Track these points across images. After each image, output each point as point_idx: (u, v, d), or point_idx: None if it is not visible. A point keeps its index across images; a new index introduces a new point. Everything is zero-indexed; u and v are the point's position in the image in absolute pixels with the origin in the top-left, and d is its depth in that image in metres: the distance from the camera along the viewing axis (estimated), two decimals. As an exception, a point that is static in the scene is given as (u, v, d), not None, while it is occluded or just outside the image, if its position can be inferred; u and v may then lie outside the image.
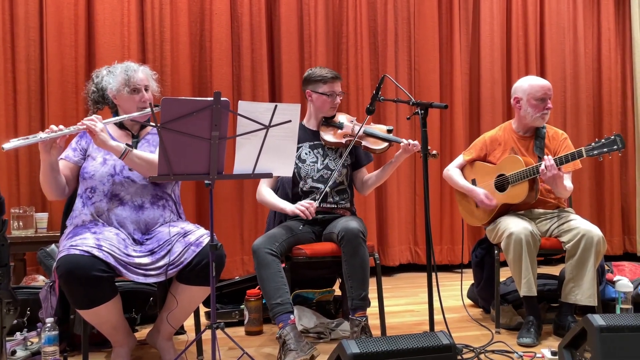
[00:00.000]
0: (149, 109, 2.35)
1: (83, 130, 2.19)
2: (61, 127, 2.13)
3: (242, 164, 2.03)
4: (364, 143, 2.77)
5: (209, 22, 4.24)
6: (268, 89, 4.36)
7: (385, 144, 2.76)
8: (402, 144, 2.69)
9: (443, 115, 4.80)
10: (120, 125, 2.42)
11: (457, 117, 4.78)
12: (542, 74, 4.99)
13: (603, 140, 2.60)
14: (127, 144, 2.23)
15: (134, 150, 2.22)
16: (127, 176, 2.31)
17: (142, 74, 2.39)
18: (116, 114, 2.43)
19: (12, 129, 3.82)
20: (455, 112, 4.77)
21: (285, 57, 4.39)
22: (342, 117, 2.89)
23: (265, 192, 2.77)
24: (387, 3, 4.66)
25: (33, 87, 3.88)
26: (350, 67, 4.54)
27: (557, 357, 2.25)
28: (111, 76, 2.38)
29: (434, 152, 2.60)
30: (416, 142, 2.67)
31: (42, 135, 2.09)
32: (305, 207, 2.56)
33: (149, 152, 2.37)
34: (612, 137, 2.58)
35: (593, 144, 2.62)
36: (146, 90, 2.38)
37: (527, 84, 2.92)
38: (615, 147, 2.57)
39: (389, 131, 2.81)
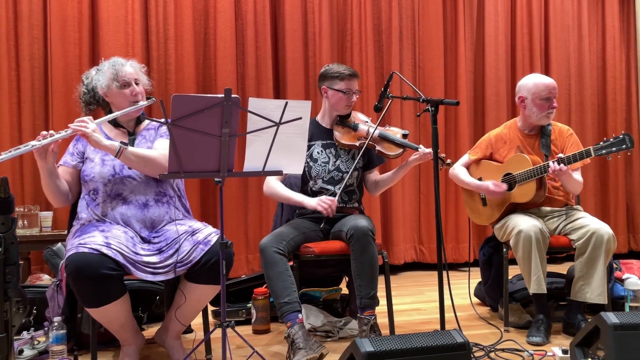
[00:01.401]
0: (142, 102, 2.33)
1: (74, 134, 2.16)
2: (52, 132, 2.12)
3: (252, 161, 2.01)
4: (378, 147, 2.74)
5: (213, 20, 4.22)
6: (272, 86, 4.34)
7: (400, 150, 2.73)
8: (419, 150, 2.65)
9: (448, 113, 4.79)
10: (115, 124, 2.39)
11: (462, 114, 4.76)
12: (546, 71, 4.98)
13: (612, 140, 2.58)
14: (121, 142, 2.20)
15: (129, 148, 2.20)
16: (128, 175, 2.29)
17: (131, 67, 2.36)
18: (109, 112, 2.39)
19: (17, 127, 3.81)
20: (459, 109, 4.75)
21: (290, 55, 4.38)
22: (357, 117, 2.85)
23: (276, 184, 2.73)
24: (392, 1, 4.65)
25: (37, 86, 3.87)
26: (355, 65, 4.51)
27: (568, 355, 2.24)
28: (100, 74, 2.36)
29: (449, 160, 2.59)
30: (430, 150, 2.64)
31: (33, 143, 2.07)
32: (328, 204, 2.54)
33: (146, 147, 2.36)
34: (621, 136, 2.56)
35: (602, 143, 2.60)
36: (137, 84, 2.35)
37: (532, 82, 2.87)
38: (624, 146, 2.55)
39: (404, 136, 2.77)
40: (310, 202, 2.59)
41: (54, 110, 3.84)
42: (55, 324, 2.34)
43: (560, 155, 2.68)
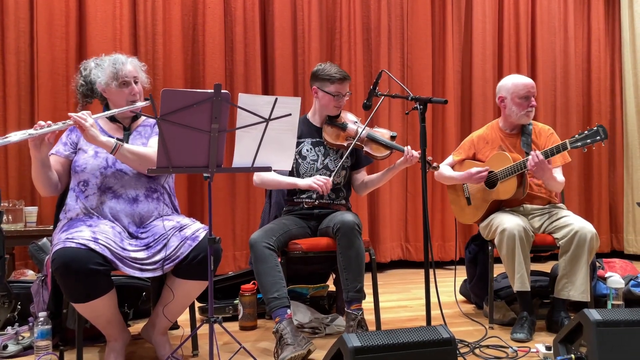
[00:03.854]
0: (139, 103, 2.33)
1: (72, 126, 2.16)
2: (49, 122, 2.10)
3: (241, 157, 2.01)
4: (365, 148, 2.75)
5: (201, 15, 4.21)
6: (261, 84, 4.34)
7: (387, 152, 2.74)
8: (404, 153, 2.66)
9: (435, 112, 4.82)
10: (112, 119, 2.38)
11: (449, 114, 4.80)
12: (532, 72, 5.04)
13: (586, 132, 2.64)
14: (117, 139, 2.20)
15: (125, 145, 2.20)
16: (120, 169, 2.28)
17: (131, 66, 2.36)
18: (106, 106, 2.40)
19: (2, 121, 3.77)
20: (447, 109, 4.80)
21: (279, 52, 4.38)
22: (346, 117, 2.87)
23: (266, 173, 2.72)
24: (381, 0, 4.66)
25: (23, 80, 3.83)
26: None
27: (551, 352, 2.27)
28: (99, 69, 2.34)
29: (435, 164, 2.61)
30: (418, 153, 2.65)
31: (30, 131, 2.06)
32: (322, 182, 2.57)
33: (140, 144, 2.35)
34: (595, 128, 2.62)
35: (577, 135, 2.66)
36: (135, 82, 2.35)
37: (511, 82, 2.95)
38: (598, 137, 2.60)
39: (392, 137, 2.79)
40: (304, 181, 2.62)
41: (40, 105, 3.80)
42: (41, 319, 2.32)
43: (537, 152, 2.71)
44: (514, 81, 2.95)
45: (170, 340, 2.39)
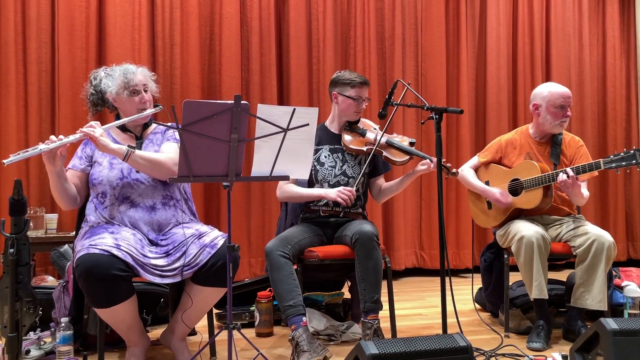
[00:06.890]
0: (149, 110, 2.38)
1: (82, 138, 2.21)
2: (61, 137, 2.16)
3: (259, 166, 2.05)
4: (385, 153, 2.79)
5: (218, 26, 4.27)
6: (276, 92, 4.38)
7: (407, 157, 2.77)
8: (425, 160, 2.69)
9: (449, 120, 4.83)
10: (123, 128, 2.43)
11: (463, 122, 4.81)
12: (547, 80, 5.02)
13: (622, 154, 2.60)
14: (129, 146, 2.25)
15: (137, 151, 2.24)
16: (136, 178, 2.33)
17: (141, 75, 2.41)
18: (117, 115, 2.45)
19: (23, 130, 3.85)
20: (461, 117, 4.80)
21: (294, 61, 4.42)
22: (365, 124, 2.91)
23: (291, 186, 2.79)
24: (395, 9, 4.70)
25: (44, 89, 3.91)
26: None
27: (567, 360, 2.27)
28: (110, 79, 2.39)
29: (454, 170, 2.63)
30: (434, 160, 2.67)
31: (41, 146, 2.11)
32: (347, 195, 2.63)
33: (153, 151, 2.40)
34: (632, 151, 2.58)
35: (612, 156, 2.62)
36: (145, 91, 2.40)
37: (547, 91, 2.91)
38: (634, 161, 2.57)
39: (412, 144, 2.81)
40: (330, 193, 2.67)
41: (61, 114, 3.88)
42: (63, 324, 2.38)
43: (569, 169, 2.70)
44: (550, 89, 2.91)
45: (188, 346, 2.42)
